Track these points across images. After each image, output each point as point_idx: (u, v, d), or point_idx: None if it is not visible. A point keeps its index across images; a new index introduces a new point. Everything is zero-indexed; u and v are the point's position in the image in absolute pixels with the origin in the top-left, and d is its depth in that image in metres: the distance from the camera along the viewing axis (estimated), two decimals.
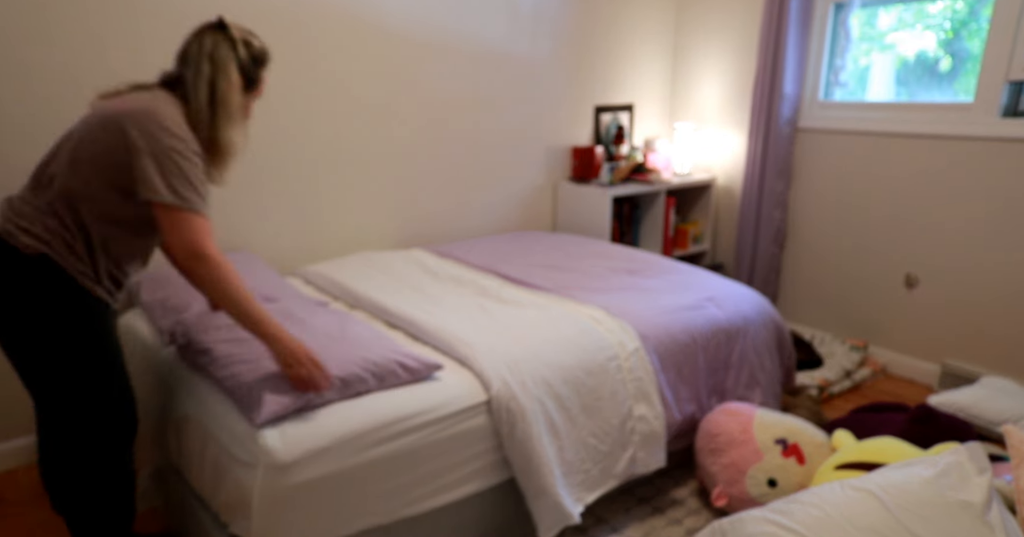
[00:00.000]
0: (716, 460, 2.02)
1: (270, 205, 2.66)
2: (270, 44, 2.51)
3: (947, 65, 2.89)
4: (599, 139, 3.63)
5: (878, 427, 2.06)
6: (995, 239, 2.70)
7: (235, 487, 1.55)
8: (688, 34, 3.73)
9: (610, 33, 3.52)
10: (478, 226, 3.31)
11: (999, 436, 2.27)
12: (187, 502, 1.78)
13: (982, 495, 1.22)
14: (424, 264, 2.65)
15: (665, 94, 3.87)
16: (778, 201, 3.35)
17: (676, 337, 2.14)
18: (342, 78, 2.71)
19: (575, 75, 3.45)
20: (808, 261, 3.38)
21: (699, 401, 2.20)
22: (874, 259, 3.11)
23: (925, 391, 2.92)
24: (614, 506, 2.08)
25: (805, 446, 1.97)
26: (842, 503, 1.28)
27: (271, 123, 2.58)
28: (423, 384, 1.74)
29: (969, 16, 2.80)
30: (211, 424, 1.65)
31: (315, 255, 2.82)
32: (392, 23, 2.79)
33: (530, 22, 3.21)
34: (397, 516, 1.63)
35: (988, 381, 2.56)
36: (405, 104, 2.92)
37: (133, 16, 2.23)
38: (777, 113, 3.23)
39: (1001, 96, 2.61)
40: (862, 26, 3.13)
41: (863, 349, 3.09)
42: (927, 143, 2.85)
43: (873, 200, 3.07)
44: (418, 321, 2.05)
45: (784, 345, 2.50)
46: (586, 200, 3.37)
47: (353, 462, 1.54)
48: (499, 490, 1.83)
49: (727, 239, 3.76)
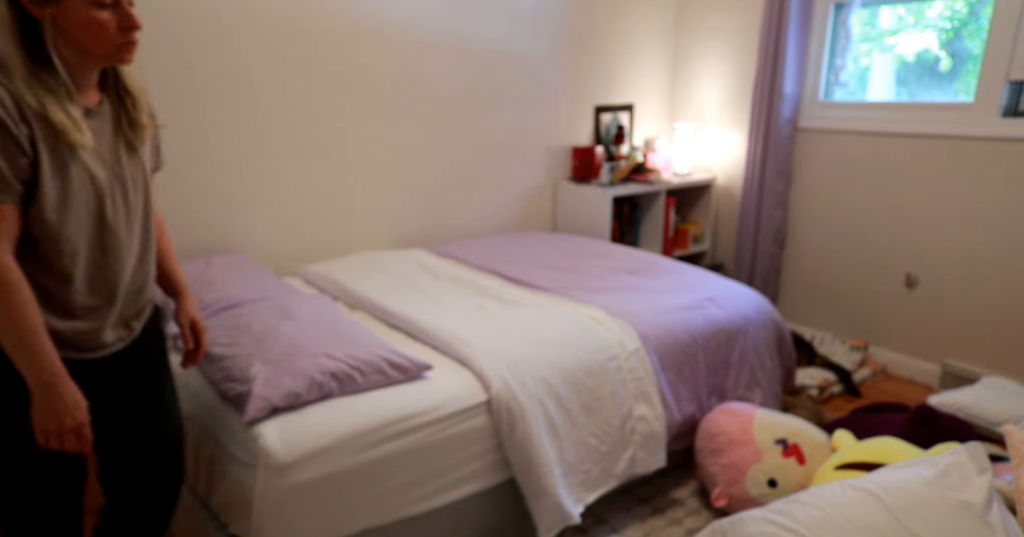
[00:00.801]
0: (716, 460, 2.02)
1: (270, 205, 2.66)
2: (269, 44, 2.51)
3: (947, 65, 2.89)
4: (599, 139, 3.63)
5: (878, 427, 2.06)
6: (996, 239, 2.70)
7: (234, 487, 1.55)
8: (688, 34, 3.73)
9: (610, 33, 3.52)
10: (478, 226, 3.31)
11: (999, 436, 2.26)
12: (186, 501, 1.78)
13: (983, 495, 1.22)
14: (424, 264, 2.65)
15: (665, 94, 3.87)
16: (778, 201, 3.35)
17: (676, 337, 2.14)
18: (342, 78, 2.71)
19: (575, 75, 3.45)
20: (808, 261, 3.38)
21: (699, 401, 2.20)
22: (874, 259, 3.11)
23: (925, 391, 2.92)
24: (614, 506, 2.08)
25: (805, 446, 1.96)
26: (842, 503, 1.28)
27: (271, 123, 2.58)
28: (423, 384, 1.74)
29: (969, 16, 2.79)
30: (210, 424, 1.66)
31: (315, 255, 2.82)
32: (392, 23, 2.79)
33: (530, 22, 3.21)
34: (397, 516, 1.63)
35: (988, 381, 2.56)
36: (405, 104, 2.92)
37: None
38: (777, 113, 3.22)
39: (1001, 96, 2.61)
40: (862, 26, 3.13)
41: (863, 349, 3.08)
42: (927, 143, 2.84)
43: (873, 200, 3.06)
44: (418, 321, 2.05)
45: (784, 345, 2.50)
46: (586, 200, 3.37)
47: (353, 462, 1.54)
48: (499, 490, 1.83)
49: (727, 239, 3.75)
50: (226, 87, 2.45)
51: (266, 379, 1.58)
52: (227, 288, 2.14)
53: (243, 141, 2.54)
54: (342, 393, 1.65)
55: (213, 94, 2.43)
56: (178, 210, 2.45)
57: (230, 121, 2.49)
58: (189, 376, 1.81)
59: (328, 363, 1.65)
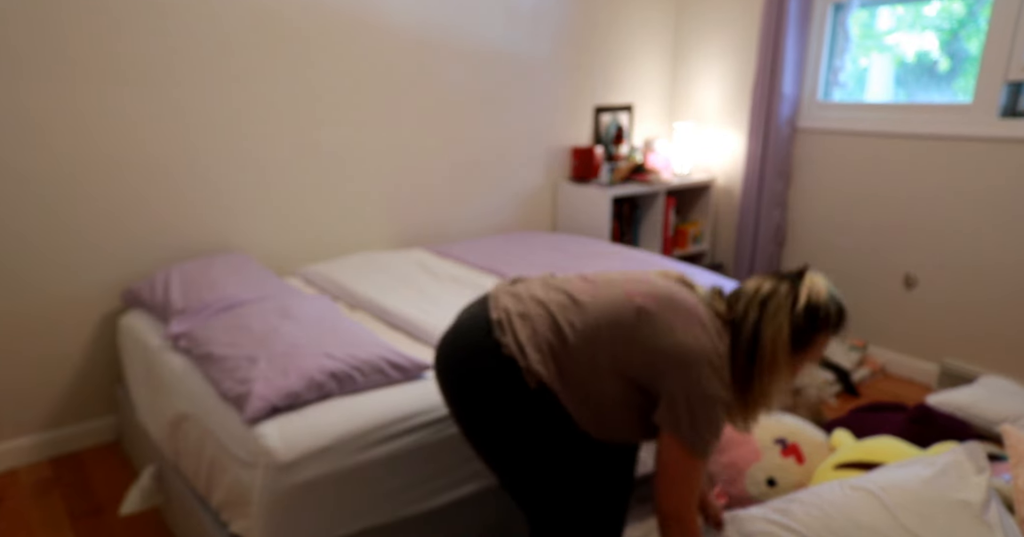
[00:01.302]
0: (715, 459, 2.02)
1: (270, 205, 2.66)
2: (268, 47, 2.51)
3: (946, 66, 2.89)
4: (599, 139, 3.63)
5: (877, 427, 2.07)
6: (994, 239, 2.70)
7: (235, 486, 1.56)
8: (688, 34, 3.73)
9: (610, 33, 3.53)
10: (478, 226, 3.31)
11: (997, 435, 2.27)
12: (187, 501, 1.79)
13: (980, 494, 1.22)
14: (424, 264, 2.66)
15: (665, 94, 3.87)
16: (777, 201, 3.36)
17: None
18: (342, 79, 2.72)
19: (575, 75, 3.46)
20: (808, 261, 3.38)
21: None
22: (873, 259, 3.12)
23: (924, 391, 2.92)
24: None
25: (804, 445, 1.97)
26: (841, 503, 1.29)
27: (271, 123, 2.59)
28: (423, 384, 1.74)
29: (968, 17, 2.80)
30: (211, 423, 1.66)
31: (315, 255, 2.82)
32: (393, 24, 2.79)
33: (529, 22, 3.21)
34: (397, 516, 1.63)
35: (987, 381, 2.56)
36: (405, 104, 2.92)
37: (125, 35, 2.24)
38: (776, 113, 3.23)
39: (1000, 96, 2.62)
40: (861, 26, 3.13)
41: (862, 349, 3.09)
42: (926, 143, 2.85)
43: (872, 200, 3.07)
44: (418, 321, 2.06)
45: None
46: (586, 200, 3.37)
47: (353, 462, 1.54)
48: (499, 490, 1.83)
49: (727, 239, 3.76)
50: (227, 87, 2.46)
51: (266, 379, 1.59)
52: (227, 288, 2.14)
53: (244, 141, 2.54)
54: (342, 393, 1.65)
55: (214, 94, 2.44)
56: (179, 210, 2.45)
57: (231, 121, 2.49)
58: (189, 376, 1.82)
59: (328, 363, 1.65)
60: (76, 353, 2.37)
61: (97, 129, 2.24)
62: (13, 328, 2.24)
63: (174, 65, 2.34)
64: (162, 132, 2.37)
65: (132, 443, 2.29)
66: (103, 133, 2.26)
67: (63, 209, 2.24)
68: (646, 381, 1.26)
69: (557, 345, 1.28)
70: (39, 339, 2.29)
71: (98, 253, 2.33)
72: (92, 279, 2.34)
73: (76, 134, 2.21)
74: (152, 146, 2.35)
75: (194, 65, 2.38)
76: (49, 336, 2.30)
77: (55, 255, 2.25)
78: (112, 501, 2.12)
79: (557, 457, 1.31)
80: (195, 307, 2.04)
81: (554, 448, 1.30)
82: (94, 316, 2.37)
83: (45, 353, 2.31)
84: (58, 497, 2.15)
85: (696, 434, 1.22)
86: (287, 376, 1.60)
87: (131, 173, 2.33)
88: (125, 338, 2.25)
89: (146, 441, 2.08)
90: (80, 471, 2.29)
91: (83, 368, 2.39)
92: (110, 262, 2.36)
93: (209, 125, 2.45)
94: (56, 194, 2.21)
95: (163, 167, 2.39)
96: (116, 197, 2.32)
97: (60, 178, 2.21)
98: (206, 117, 2.44)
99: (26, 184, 2.16)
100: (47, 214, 2.21)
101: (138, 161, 2.34)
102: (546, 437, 1.29)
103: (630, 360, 1.26)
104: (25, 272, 2.22)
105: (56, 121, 2.17)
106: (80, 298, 2.33)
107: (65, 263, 2.28)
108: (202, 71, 2.40)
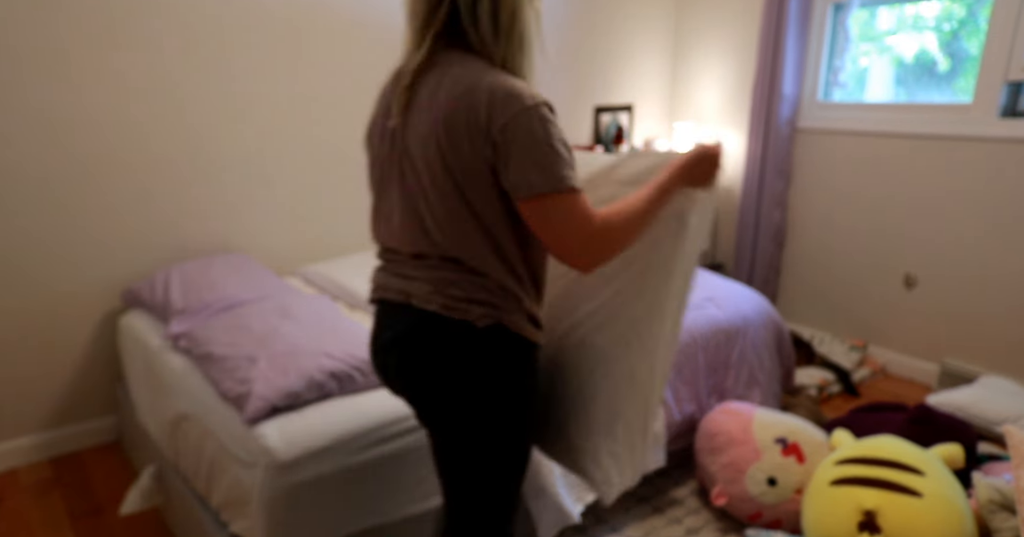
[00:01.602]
0: (716, 459, 2.02)
1: (270, 205, 2.66)
2: (263, 47, 2.51)
3: (946, 66, 2.89)
4: (599, 139, 3.63)
5: (877, 427, 2.07)
6: (994, 239, 2.70)
7: (235, 486, 1.56)
8: (687, 34, 3.73)
9: (610, 33, 3.53)
10: None
11: (998, 435, 2.27)
12: (187, 501, 1.79)
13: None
14: None
15: (665, 94, 3.87)
16: (778, 201, 3.36)
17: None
18: (343, 78, 2.72)
19: (575, 75, 3.46)
20: (808, 261, 3.38)
21: (699, 401, 2.21)
22: (873, 259, 3.11)
23: (924, 391, 2.92)
24: (614, 506, 2.08)
25: (805, 445, 1.97)
26: None
27: (272, 123, 2.59)
28: None
29: (968, 17, 2.80)
30: (211, 423, 1.66)
31: (315, 255, 2.82)
32: (393, 23, 2.79)
33: None
34: (397, 516, 1.63)
35: (987, 381, 2.56)
36: None
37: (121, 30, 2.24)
38: (776, 113, 3.23)
39: (1000, 96, 2.62)
40: (861, 26, 3.13)
41: (862, 349, 3.09)
42: (926, 143, 2.85)
43: (872, 200, 3.07)
44: None
45: (783, 345, 2.50)
46: None
47: (353, 461, 1.54)
48: None
49: (727, 239, 3.76)
50: (227, 87, 2.46)
51: (266, 379, 1.59)
52: (228, 288, 2.14)
53: (244, 141, 2.54)
54: (342, 393, 1.65)
55: (215, 93, 2.44)
56: (179, 210, 2.45)
57: (231, 121, 2.49)
58: (189, 376, 1.82)
59: (328, 363, 1.65)
60: (76, 353, 2.37)
61: (98, 129, 2.24)
62: (13, 327, 2.24)
63: (175, 66, 2.34)
64: (163, 132, 2.37)
65: (132, 443, 2.29)
66: (104, 133, 2.26)
67: (65, 207, 2.24)
68: (488, 176, 1.12)
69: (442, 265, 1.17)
70: (39, 338, 2.29)
71: (100, 250, 2.33)
72: (93, 277, 2.33)
73: (77, 134, 2.21)
74: (153, 146, 2.35)
75: (195, 65, 2.38)
76: (49, 335, 2.30)
77: (57, 252, 2.25)
78: (112, 501, 2.12)
79: (509, 411, 1.21)
80: (195, 307, 2.04)
81: (508, 398, 1.19)
82: (95, 315, 2.37)
83: (45, 353, 2.31)
84: (58, 497, 2.15)
85: (550, 172, 1.07)
86: (287, 376, 1.60)
87: (132, 172, 2.33)
88: (125, 338, 2.25)
89: (146, 441, 2.08)
90: (80, 471, 2.29)
91: (83, 368, 2.39)
92: (111, 260, 2.36)
93: (209, 125, 2.45)
94: (57, 193, 2.21)
95: (164, 167, 2.39)
96: (117, 196, 2.32)
97: (60, 177, 2.21)
98: (207, 117, 2.44)
99: (28, 182, 2.16)
100: (49, 212, 2.21)
101: (139, 160, 2.34)
102: (503, 381, 1.18)
103: (470, 170, 1.12)
104: (27, 269, 2.22)
105: (59, 121, 2.17)
106: (81, 296, 2.33)
107: (67, 260, 2.28)
108: (202, 72, 2.40)
